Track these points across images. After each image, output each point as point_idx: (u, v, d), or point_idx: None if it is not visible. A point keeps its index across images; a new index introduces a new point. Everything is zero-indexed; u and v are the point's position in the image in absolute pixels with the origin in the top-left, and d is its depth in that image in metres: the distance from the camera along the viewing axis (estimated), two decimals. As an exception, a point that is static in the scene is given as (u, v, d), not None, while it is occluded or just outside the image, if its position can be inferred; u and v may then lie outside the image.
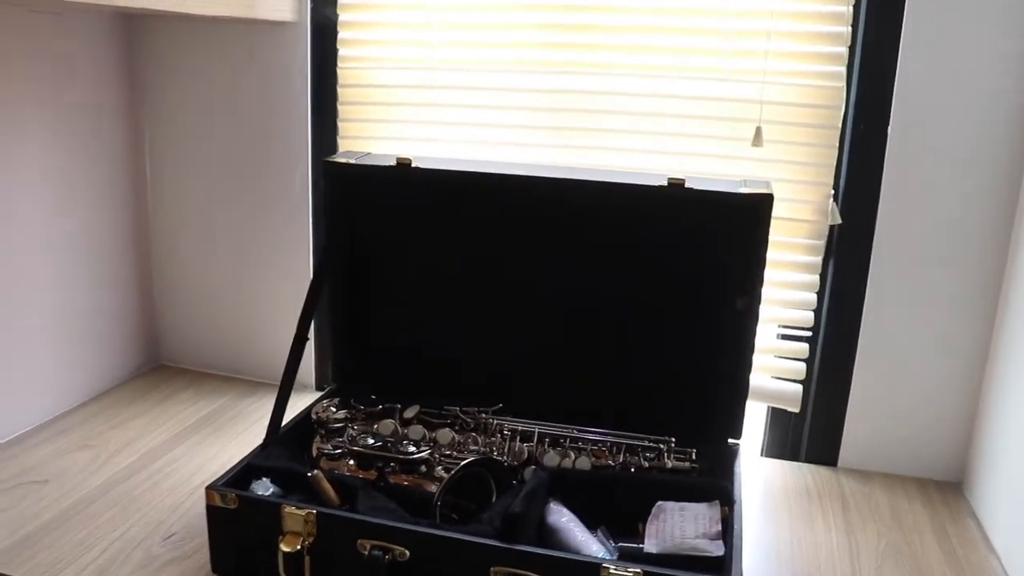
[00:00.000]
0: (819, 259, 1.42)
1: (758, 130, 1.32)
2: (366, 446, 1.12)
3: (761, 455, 1.55)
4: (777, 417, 1.53)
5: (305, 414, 1.26)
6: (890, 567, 1.17)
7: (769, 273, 1.34)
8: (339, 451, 1.15)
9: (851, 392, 1.42)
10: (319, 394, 1.41)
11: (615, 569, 0.90)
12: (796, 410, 1.47)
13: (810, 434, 1.48)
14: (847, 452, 1.44)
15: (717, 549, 0.99)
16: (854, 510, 1.31)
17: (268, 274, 1.64)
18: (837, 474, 1.42)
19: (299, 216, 1.57)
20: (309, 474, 1.05)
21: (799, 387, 1.48)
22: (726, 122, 1.36)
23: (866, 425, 1.43)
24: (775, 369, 1.48)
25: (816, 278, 1.44)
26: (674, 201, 1.19)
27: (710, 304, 1.22)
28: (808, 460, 1.49)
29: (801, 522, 1.28)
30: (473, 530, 0.99)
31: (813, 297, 1.45)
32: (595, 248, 1.27)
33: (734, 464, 1.19)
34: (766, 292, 1.35)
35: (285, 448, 1.18)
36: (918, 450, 1.42)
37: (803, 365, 1.47)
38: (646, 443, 1.18)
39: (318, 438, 1.20)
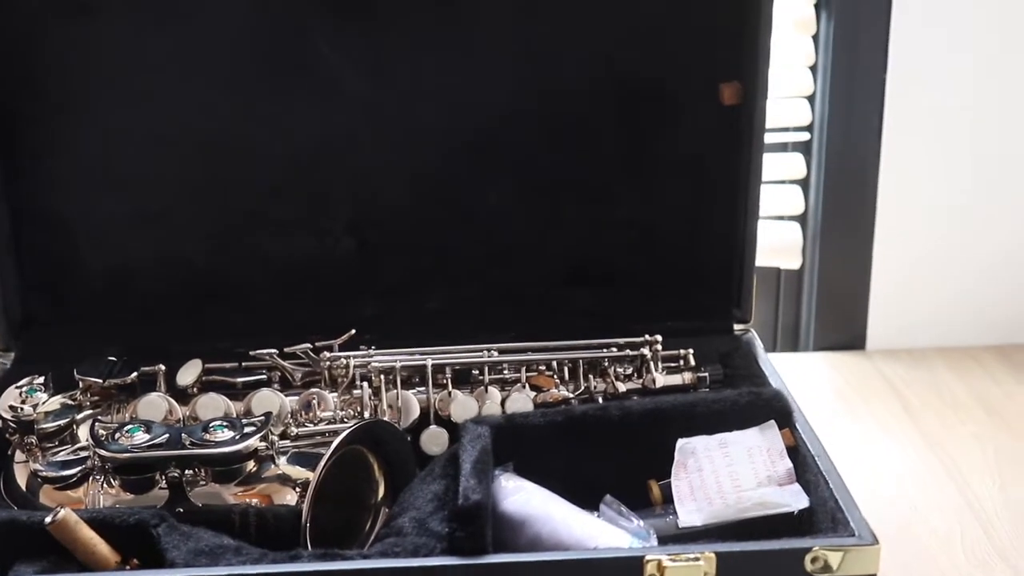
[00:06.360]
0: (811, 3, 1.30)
1: None
2: (137, 446, 1.01)
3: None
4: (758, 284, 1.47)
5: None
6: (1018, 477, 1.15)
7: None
8: (79, 468, 1.02)
9: (876, 231, 1.37)
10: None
11: (671, 560, 0.82)
12: (795, 265, 1.41)
13: (820, 304, 1.44)
14: (880, 326, 1.42)
15: (797, 499, 0.92)
16: (921, 408, 1.30)
17: None
18: (872, 360, 1.41)
19: None
20: (48, 520, 0.90)
21: (795, 228, 1.39)
22: None
23: (905, 282, 1.40)
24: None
25: (808, 41, 1.33)
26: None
27: (675, 103, 1.14)
28: (819, 347, 1.45)
29: (855, 442, 1.23)
30: (399, 548, 0.89)
31: (806, 75, 1.34)
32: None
33: (757, 361, 1.12)
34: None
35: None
36: (991, 307, 1.40)
37: (799, 192, 1.38)
38: (615, 352, 1.11)
39: (23, 456, 1.06)
